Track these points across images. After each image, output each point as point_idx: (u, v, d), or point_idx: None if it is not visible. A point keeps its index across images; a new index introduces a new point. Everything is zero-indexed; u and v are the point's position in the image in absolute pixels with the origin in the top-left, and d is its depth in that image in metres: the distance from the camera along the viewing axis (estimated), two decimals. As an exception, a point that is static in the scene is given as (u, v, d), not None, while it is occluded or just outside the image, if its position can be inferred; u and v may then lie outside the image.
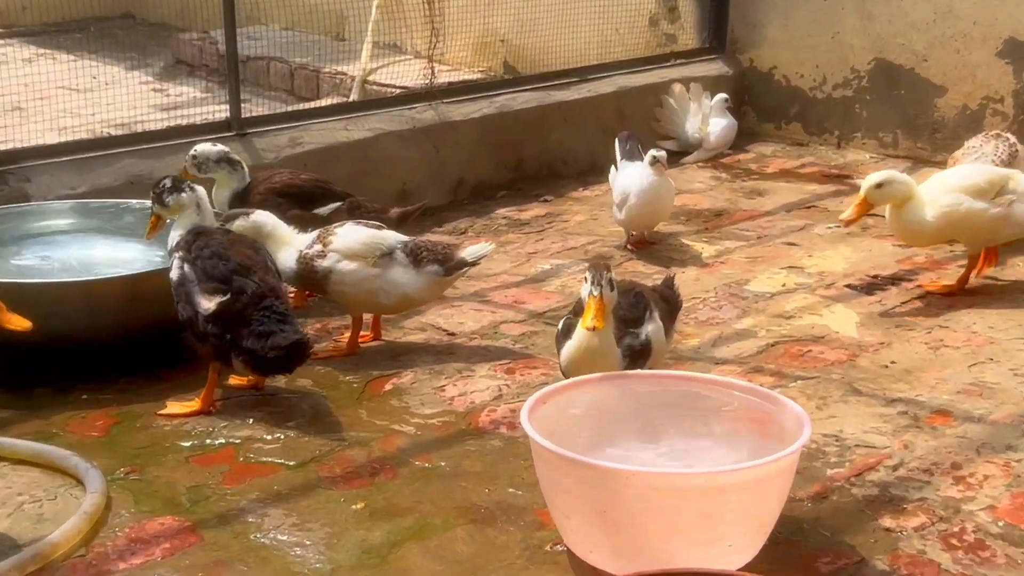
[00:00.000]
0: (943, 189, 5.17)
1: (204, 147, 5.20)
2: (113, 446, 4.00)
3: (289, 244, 4.69)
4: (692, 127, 7.62)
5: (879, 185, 5.10)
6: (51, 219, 5.15)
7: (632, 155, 6.03)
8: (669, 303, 4.20)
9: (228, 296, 4.12)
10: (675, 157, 7.49)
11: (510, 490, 3.74)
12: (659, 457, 3.51)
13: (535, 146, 7.13)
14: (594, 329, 3.58)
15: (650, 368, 3.84)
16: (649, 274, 5.64)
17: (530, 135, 7.08)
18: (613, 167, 6.10)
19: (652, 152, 5.75)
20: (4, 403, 4.29)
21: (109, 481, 3.73)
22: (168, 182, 4.37)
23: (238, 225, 4.62)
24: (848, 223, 5.22)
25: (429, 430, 4.08)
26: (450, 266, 4.66)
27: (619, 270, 5.71)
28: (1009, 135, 5.92)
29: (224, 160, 5.20)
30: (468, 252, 4.69)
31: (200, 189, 4.41)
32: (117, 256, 5.02)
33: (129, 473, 3.82)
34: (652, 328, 3.89)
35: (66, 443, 3.98)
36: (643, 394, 3.61)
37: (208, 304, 4.12)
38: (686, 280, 5.55)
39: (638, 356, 3.82)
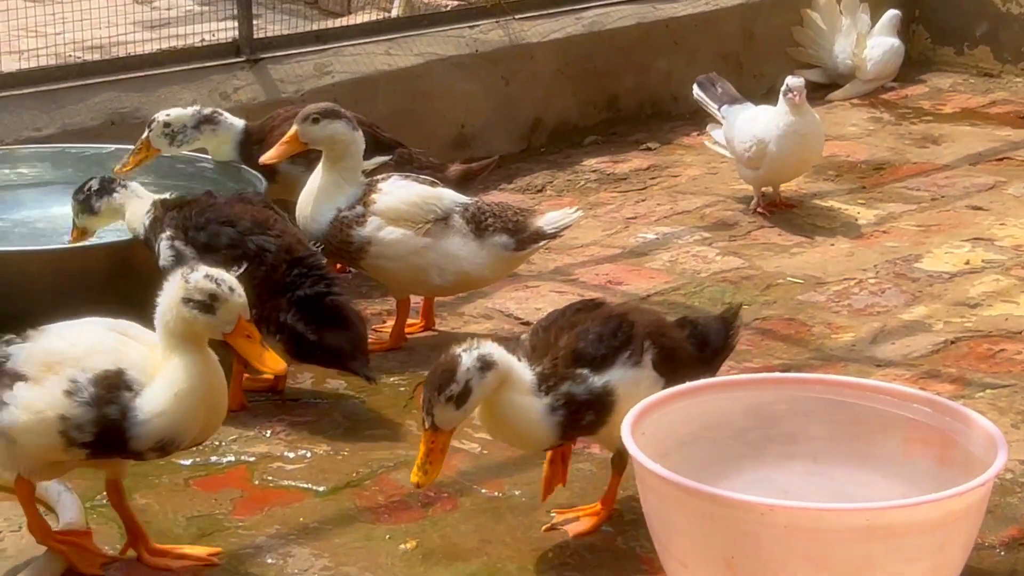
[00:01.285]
0: None
1: (176, 112, 5.18)
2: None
3: (338, 192, 4.69)
4: (843, 51, 7.57)
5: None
6: (11, 168, 5.25)
7: (732, 97, 6.01)
8: (709, 341, 3.81)
9: (247, 264, 4.20)
10: (819, 91, 7.45)
11: (606, 528, 3.75)
12: (804, 488, 3.50)
13: (634, 77, 7.11)
14: (418, 486, 3.38)
15: (604, 437, 3.61)
16: (787, 247, 5.62)
17: (628, 63, 7.07)
18: (711, 126, 6.09)
19: (788, 80, 5.74)
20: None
21: (88, 509, 3.77)
22: (95, 183, 4.51)
23: (335, 128, 4.65)
24: None
25: (498, 448, 4.11)
26: (523, 238, 4.68)
27: (747, 240, 5.70)
28: None
29: (204, 122, 5.19)
30: (547, 220, 4.69)
31: (134, 185, 4.54)
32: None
33: (113, 498, 3.89)
34: (626, 377, 3.52)
35: (32, 459, 4.04)
36: (780, 405, 3.60)
37: None
38: (837, 255, 5.53)
39: (580, 413, 3.48)
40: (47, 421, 3.31)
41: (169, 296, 3.36)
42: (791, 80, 5.75)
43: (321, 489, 3.94)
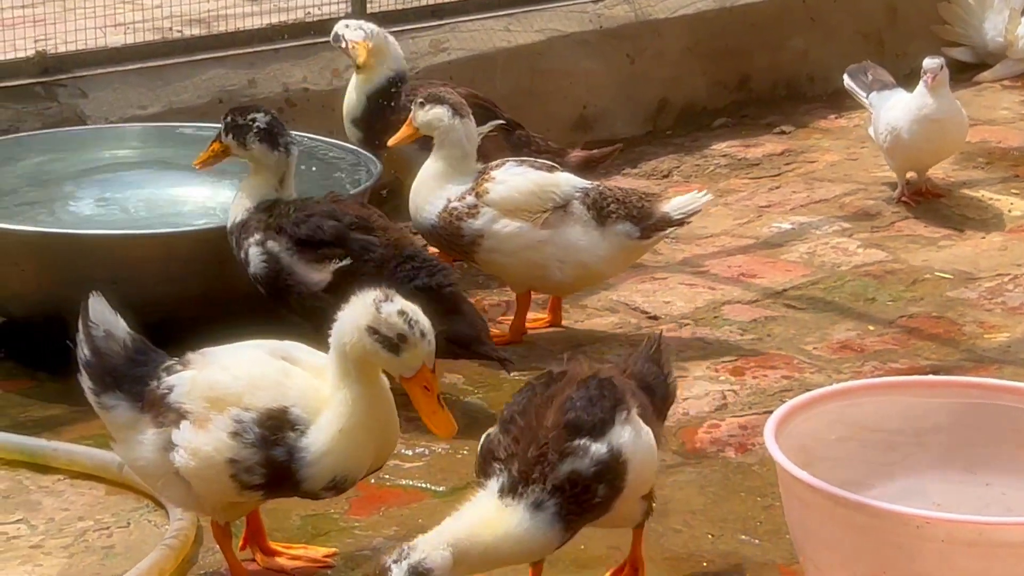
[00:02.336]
0: None
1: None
2: (202, 458, 4.13)
3: (447, 181, 4.69)
4: (993, 28, 7.48)
5: None
6: (114, 148, 5.32)
7: (883, 83, 5.96)
8: (654, 390, 3.53)
9: (348, 260, 4.23)
10: (967, 72, 7.36)
11: (742, 537, 3.74)
12: (959, 499, 3.46)
13: (768, 56, 7.08)
14: None
15: (620, 513, 3.30)
16: (934, 239, 5.57)
17: (761, 41, 7.03)
18: (871, 123, 6.03)
19: (925, 62, 5.69)
20: (55, 395, 4.46)
21: (198, 505, 3.84)
22: (263, 120, 4.35)
23: (436, 113, 4.65)
24: None
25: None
26: (648, 225, 4.66)
27: (890, 232, 5.65)
28: None
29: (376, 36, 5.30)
30: (673, 206, 4.67)
31: (295, 152, 4.42)
32: (200, 200, 5.17)
33: (224, 495, 3.94)
34: (628, 436, 3.23)
35: (139, 452, 4.11)
36: (934, 410, 3.56)
37: (319, 276, 4.23)
38: (988, 249, 5.46)
39: (591, 492, 3.14)
40: (217, 466, 3.30)
41: (353, 319, 3.26)
42: (928, 61, 5.71)
43: (440, 489, 3.97)
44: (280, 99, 5.78)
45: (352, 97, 5.36)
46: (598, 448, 3.16)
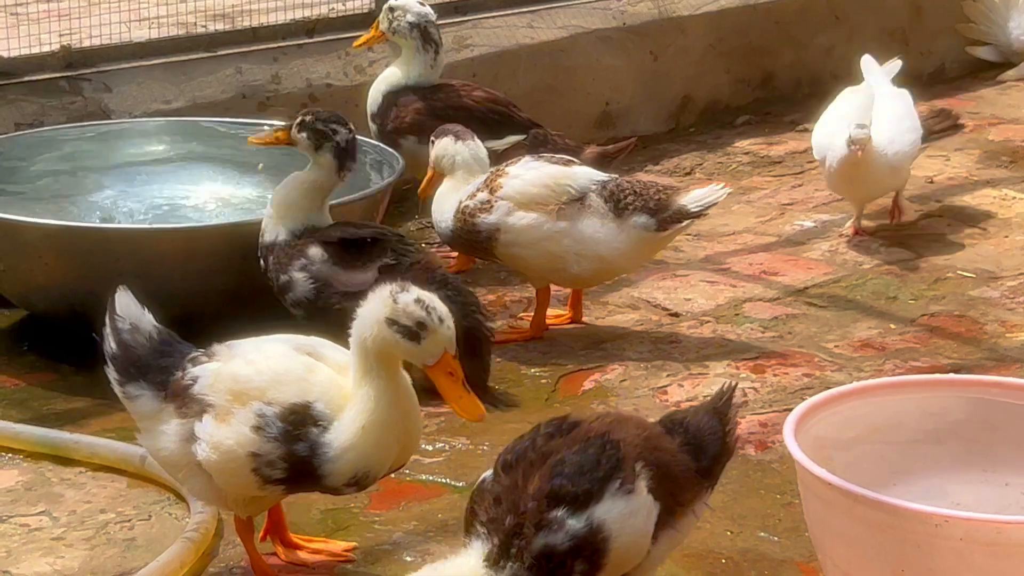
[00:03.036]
0: None
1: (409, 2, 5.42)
2: (223, 451, 4.16)
3: (460, 187, 4.79)
4: (1018, 27, 7.47)
5: None
6: (138, 142, 5.36)
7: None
8: (706, 449, 3.26)
9: (389, 258, 4.29)
10: (992, 70, 7.35)
11: (761, 534, 3.75)
12: (978, 499, 3.46)
13: (792, 54, 7.07)
14: None
15: None
16: (957, 238, 5.56)
17: (785, 38, 7.03)
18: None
19: (851, 131, 5.24)
20: (78, 388, 4.50)
21: (218, 498, 3.87)
22: (344, 136, 4.39)
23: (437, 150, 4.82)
24: None
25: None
26: (665, 217, 4.65)
27: (912, 230, 5.64)
28: None
29: (419, 29, 5.40)
30: (691, 198, 4.66)
31: (353, 169, 4.48)
32: (224, 195, 5.20)
33: (245, 489, 3.97)
34: (617, 511, 2.99)
35: (161, 445, 4.14)
36: (954, 409, 3.56)
37: (365, 276, 4.27)
38: (1010, 248, 5.46)
39: (567, 562, 2.93)
40: (239, 460, 3.32)
41: (372, 312, 3.28)
42: (855, 131, 5.21)
43: (460, 484, 3.97)
44: (303, 94, 5.80)
45: (375, 90, 5.43)
46: (574, 523, 2.95)
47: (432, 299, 3.28)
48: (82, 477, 4.02)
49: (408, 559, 3.64)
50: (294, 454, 3.30)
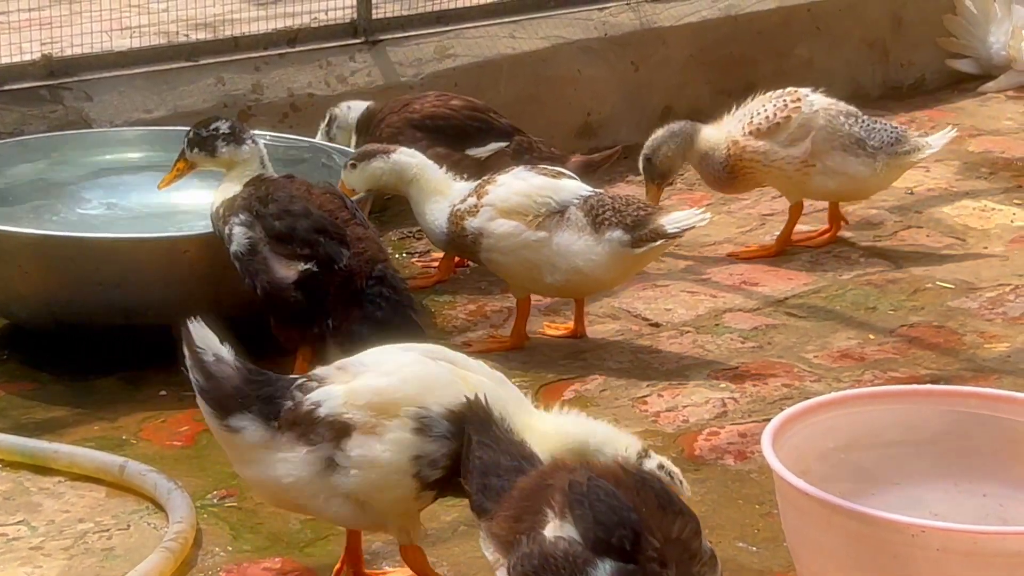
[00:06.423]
0: None
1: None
2: (203, 461, 4.14)
3: (441, 195, 4.77)
4: (997, 42, 7.47)
5: None
6: (118, 151, 5.35)
7: None
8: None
9: (312, 265, 4.27)
10: (972, 83, 7.37)
11: (739, 544, 3.76)
12: (955, 509, 3.47)
13: (773, 64, 7.08)
14: None
15: None
16: (936, 249, 5.57)
17: (766, 50, 7.04)
18: None
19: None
20: (58, 397, 4.49)
21: (198, 507, 3.85)
22: (225, 125, 4.55)
23: (374, 167, 4.75)
24: None
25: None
26: (640, 235, 4.64)
27: (892, 241, 5.65)
28: None
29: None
30: (670, 219, 4.64)
31: (262, 142, 4.59)
32: (204, 203, 5.16)
33: (224, 498, 3.95)
34: None
35: (141, 454, 4.12)
36: (931, 419, 3.57)
37: (286, 273, 4.29)
38: (989, 259, 5.47)
39: None
40: (400, 467, 3.28)
41: None
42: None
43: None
44: (285, 104, 5.81)
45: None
46: None
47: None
48: (61, 486, 4.01)
49: (387, 568, 3.64)
50: (458, 453, 3.25)
